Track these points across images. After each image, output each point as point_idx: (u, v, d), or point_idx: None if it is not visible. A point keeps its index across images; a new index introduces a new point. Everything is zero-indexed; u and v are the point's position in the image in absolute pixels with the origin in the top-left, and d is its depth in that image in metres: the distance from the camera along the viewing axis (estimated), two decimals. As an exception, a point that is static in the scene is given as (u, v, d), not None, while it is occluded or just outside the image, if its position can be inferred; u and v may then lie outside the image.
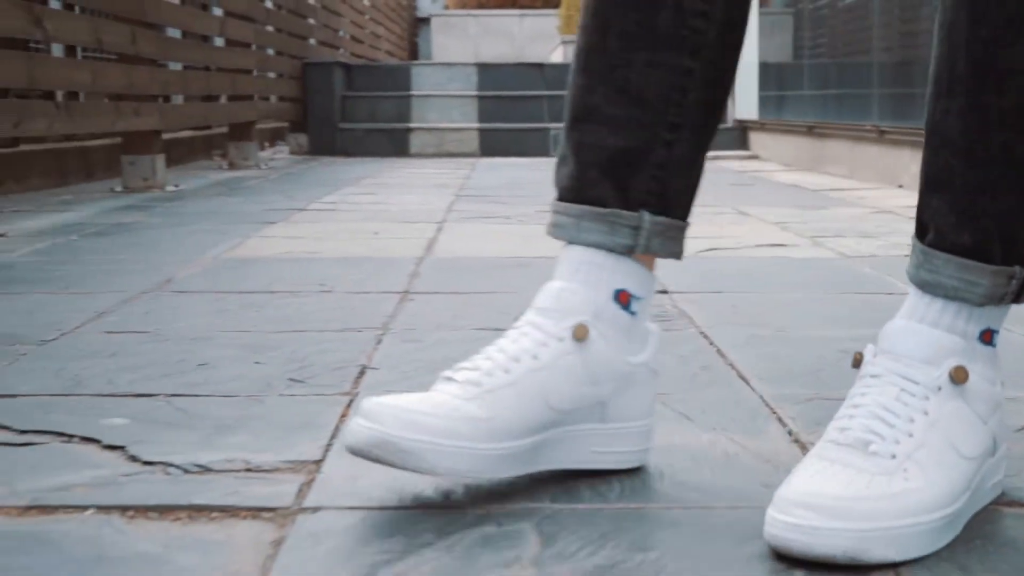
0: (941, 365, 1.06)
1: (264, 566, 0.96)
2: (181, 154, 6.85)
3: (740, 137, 8.01)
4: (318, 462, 1.24)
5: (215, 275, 2.55)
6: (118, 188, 5.10)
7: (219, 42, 6.65)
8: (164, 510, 1.09)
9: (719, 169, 6.35)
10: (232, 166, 6.86)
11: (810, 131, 6.48)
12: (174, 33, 5.68)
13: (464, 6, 18.13)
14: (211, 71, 6.24)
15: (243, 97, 6.88)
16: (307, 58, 8.66)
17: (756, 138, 7.80)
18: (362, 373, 1.64)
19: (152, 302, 2.20)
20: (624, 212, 1.16)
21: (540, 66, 8.96)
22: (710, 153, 1.22)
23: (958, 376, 1.06)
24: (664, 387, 1.55)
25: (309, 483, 1.17)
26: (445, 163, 7.13)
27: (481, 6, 17.93)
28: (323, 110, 8.33)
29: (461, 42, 17.20)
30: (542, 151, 7.80)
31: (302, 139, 8.54)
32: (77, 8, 4.87)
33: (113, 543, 1.02)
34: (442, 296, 2.28)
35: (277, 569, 0.96)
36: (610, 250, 1.16)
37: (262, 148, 8.32)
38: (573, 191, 1.18)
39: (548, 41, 21.22)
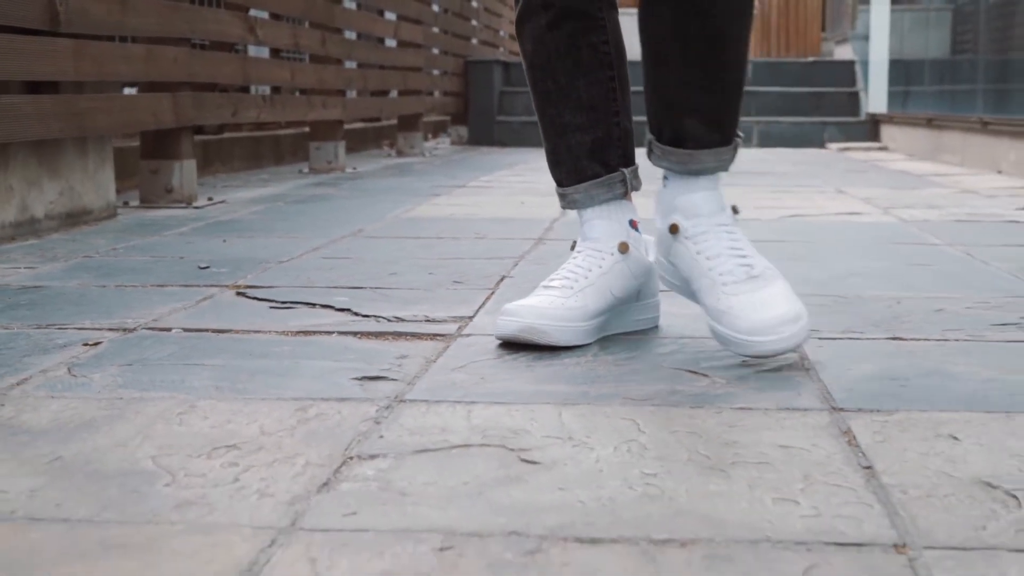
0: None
1: (441, 352, 1.69)
2: (354, 143, 7.70)
3: (872, 129, 8.51)
4: (470, 317, 1.96)
5: (395, 227, 3.31)
6: (305, 170, 5.96)
7: (390, 43, 7.47)
8: (379, 335, 1.83)
9: (843, 158, 6.90)
10: (400, 153, 7.69)
11: (929, 123, 6.99)
12: (350, 35, 6.47)
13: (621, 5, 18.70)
14: (385, 69, 7.05)
15: (412, 92, 7.68)
16: (469, 56, 9.47)
17: (886, 130, 8.30)
18: (502, 279, 2.36)
19: (351, 242, 2.97)
20: (612, 175, 1.84)
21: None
22: (840, 144, 1.92)
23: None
24: (709, 288, 2.24)
25: (464, 325, 1.89)
26: (592, 152, 7.80)
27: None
28: (482, 104, 9.13)
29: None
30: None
31: (462, 131, 9.35)
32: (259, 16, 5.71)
33: (353, 344, 1.76)
34: (567, 241, 2.99)
35: (447, 354, 1.68)
36: (616, 199, 1.84)
37: (426, 139, 9.16)
38: (574, 176, 1.85)
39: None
